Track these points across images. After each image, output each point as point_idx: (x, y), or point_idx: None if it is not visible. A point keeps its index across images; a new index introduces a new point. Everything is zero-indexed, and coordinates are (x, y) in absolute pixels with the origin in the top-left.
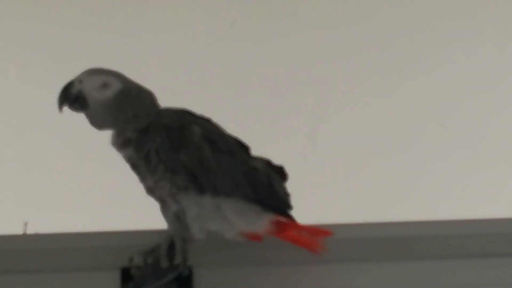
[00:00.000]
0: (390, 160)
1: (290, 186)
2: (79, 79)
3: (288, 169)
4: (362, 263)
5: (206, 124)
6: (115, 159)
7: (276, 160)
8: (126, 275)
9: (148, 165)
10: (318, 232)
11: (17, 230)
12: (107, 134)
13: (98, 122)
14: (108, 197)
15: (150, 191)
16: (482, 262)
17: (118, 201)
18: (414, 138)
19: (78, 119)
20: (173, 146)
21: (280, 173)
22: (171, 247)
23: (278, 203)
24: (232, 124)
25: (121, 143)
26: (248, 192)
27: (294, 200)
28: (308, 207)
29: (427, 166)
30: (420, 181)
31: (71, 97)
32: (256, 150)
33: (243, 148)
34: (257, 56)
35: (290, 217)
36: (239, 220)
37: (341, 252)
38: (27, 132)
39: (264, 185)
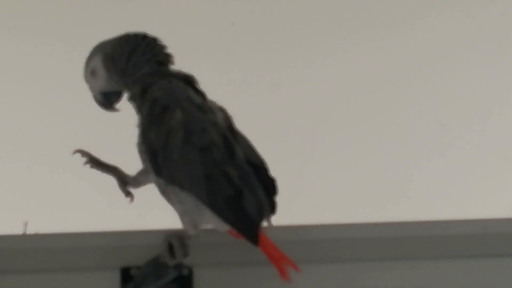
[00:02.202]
0: (390, 160)
1: (290, 186)
2: (89, 88)
3: (288, 170)
4: (362, 263)
5: (196, 112)
6: (115, 159)
7: (276, 160)
8: (126, 275)
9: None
10: (287, 261)
11: (17, 230)
12: (107, 134)
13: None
14: (108, 197)
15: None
16: (482, 262)
17: (118, 201)
18: (414, 138)
19: (78, 119)
20: (150, 122)
21: (270, 186)
22: (170, 247)
23: (237, 219)
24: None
25: (129, 98)
26: (202, 194)
27: (293, 200)
28: (308, 207)
29: (427, 166)
30: (420, 181)
31: (104, 105)
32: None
33: (229, 149)
34: (257, 55)
35: (248, 238)
36: (213, 217)
37: (341, 252)
38: (27, 131)
39: (225, 195)
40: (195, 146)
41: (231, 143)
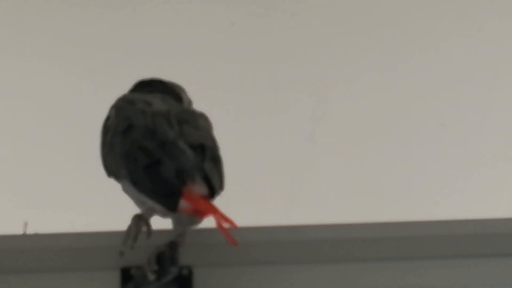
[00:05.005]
0: (390, 160)
1: (290, 186)
2: None
3: (288, 169)
4: (362, 263)
5: (125, 106)
6: None
7: (276, 160)
8: (126, 275)
9: None
10: (225, 219)
11: (17, 230)
12: None
13: None
14: (108, 197)
15: None
16: (482, 262)
17: (118, 201)
18: (414, 138)
19: (78, 119)
20: (101, 133)
21: (202, 154)
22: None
23: (152, 185)
24: (232, 123)
25: None
26: (125, 173)
27: (293, 201)
28: (308, 207)
29: (427, 166)
30: (420, 181)
31: None
32: (256, 149)
33: (151, 128)
34: (257, 55)
35: (162, 203)
36: None
37: (341, 252)
38: (27, 131)
39: (141, 165)
40: (118, 133)
41: (155, 124)
